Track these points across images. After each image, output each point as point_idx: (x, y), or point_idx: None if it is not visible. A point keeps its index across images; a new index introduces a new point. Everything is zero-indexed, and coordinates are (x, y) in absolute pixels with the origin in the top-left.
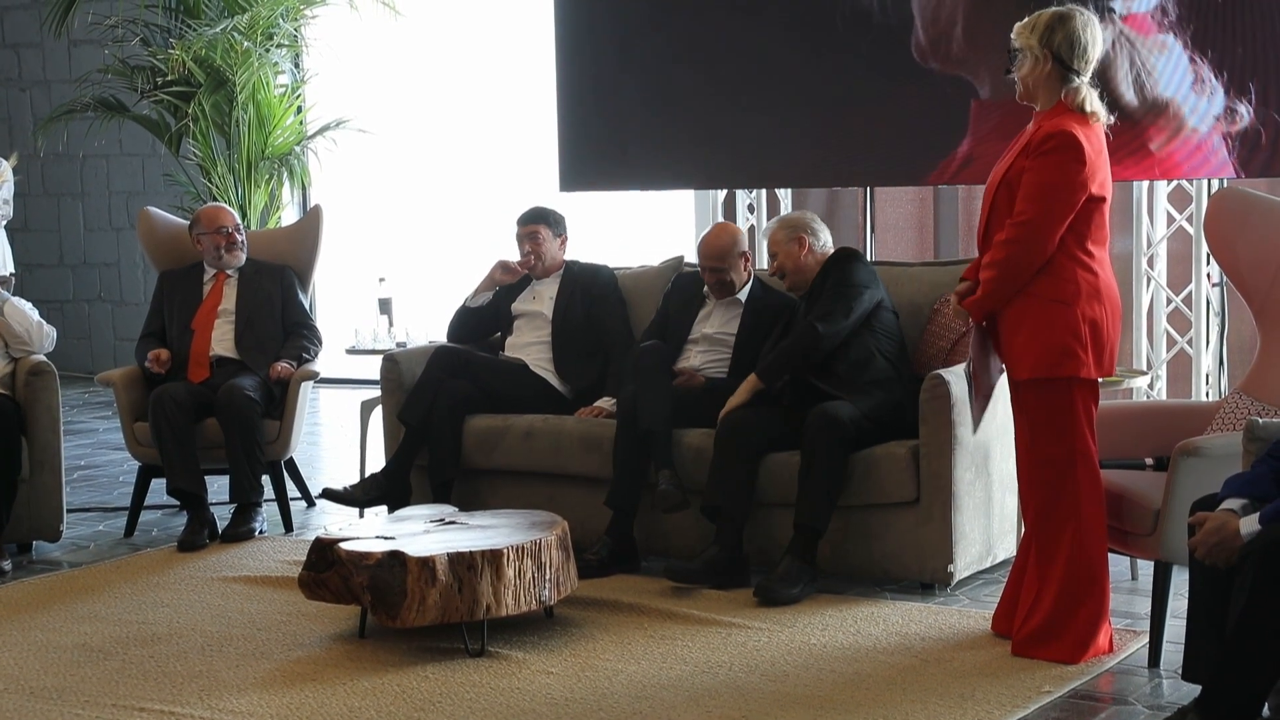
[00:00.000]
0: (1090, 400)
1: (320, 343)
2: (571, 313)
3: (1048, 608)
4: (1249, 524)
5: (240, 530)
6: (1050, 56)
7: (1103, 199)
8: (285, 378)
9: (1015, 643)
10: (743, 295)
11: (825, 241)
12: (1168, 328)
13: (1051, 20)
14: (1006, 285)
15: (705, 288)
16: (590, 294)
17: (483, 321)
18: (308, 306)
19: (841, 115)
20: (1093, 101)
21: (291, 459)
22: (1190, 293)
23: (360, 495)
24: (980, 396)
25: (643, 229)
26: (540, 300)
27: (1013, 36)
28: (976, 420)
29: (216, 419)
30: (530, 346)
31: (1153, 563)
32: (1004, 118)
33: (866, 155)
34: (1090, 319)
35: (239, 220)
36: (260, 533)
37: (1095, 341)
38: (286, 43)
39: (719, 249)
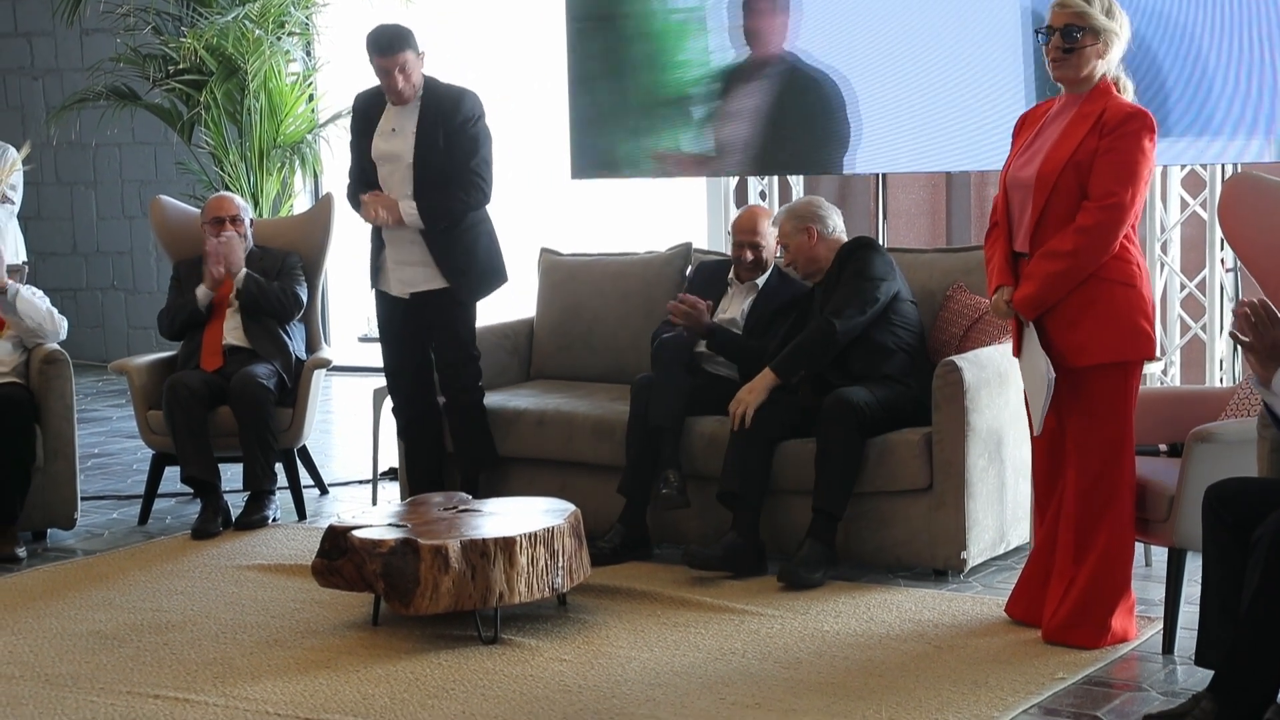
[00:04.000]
0: (1138, 382)
1: (295, 306)
2: (434, 145)
3: (1081, 592)
4: None
5: (253, 518)
6: (1123, 42)
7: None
8: (218, 255)
9: (1048, 629)
10: (760, 281)
11: (834, 226)
12: (1181, 313)
13: (1114, 6)
14: (1082, 273)
15: (730, 273)
16: (447, 125)
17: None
18: (317, 293)
19: (858, 100)
20: (1134, 93)
21: (304, 447)
22: (1204, 278)
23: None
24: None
25: (654, 217)
26: (403, 135)
27: (1080, 13)
28: (1039, 422)
29: (230, 407)
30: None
31: (1166, 549)
32: None
33: (879, 140)
34: (1149, 299)
35: (240, 209)
36: (273, 520)
37: (1154, 322)
38: (298, 30)
39: (752, 223)
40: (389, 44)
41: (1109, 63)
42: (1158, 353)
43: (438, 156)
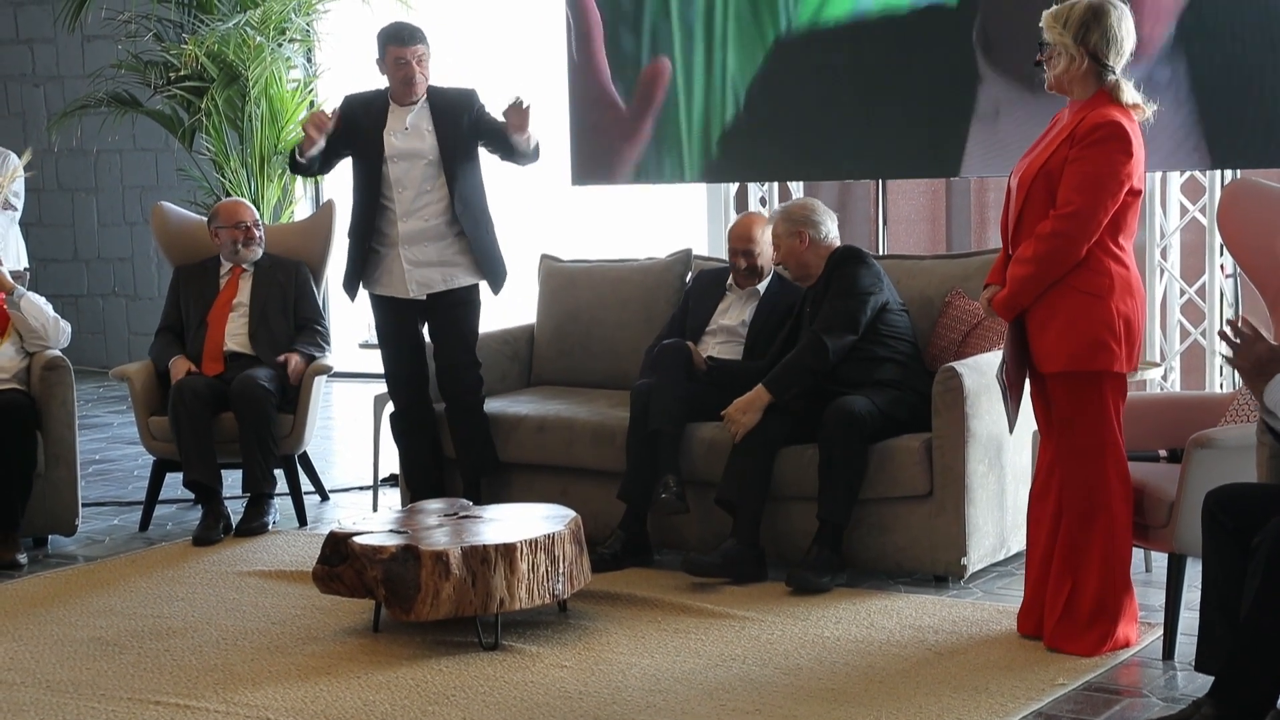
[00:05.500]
0: (1118, 394)
1: (329, 343)
2: (459, 136)
3: (1079, 601)
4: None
5: (254, 524)
6: (1086, 54)
7: (1139, 193)
8: (298, 375)
9: (1048, 636)
10: (761, 288)
11: (827, 232)
12: (1181, 319)
13: (1085, 15)
14: (1044, 280)
15: (729, 279)
16: (467, 115)
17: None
18: (321, 302)
19: (856, 106)
20: (1132, 94)
21: (305, 453)
22: (1204, 284)
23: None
24: (1016, 397)
25: (654, 223)
26: (418, 133)
27: (1042, 27)
28: (1013, 421)
29: (231, 409)
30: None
31: (1166, 555)
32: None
33: (879, 147)
34: (1123, 313)
35: (258, 215)
36: (273, 524)
37: (1127, 335)
38: (299, 37)
39: (747, 230)
40: (410, 34)
41: (1073, 73)
42: (1121, 367)
43: (465, 146)
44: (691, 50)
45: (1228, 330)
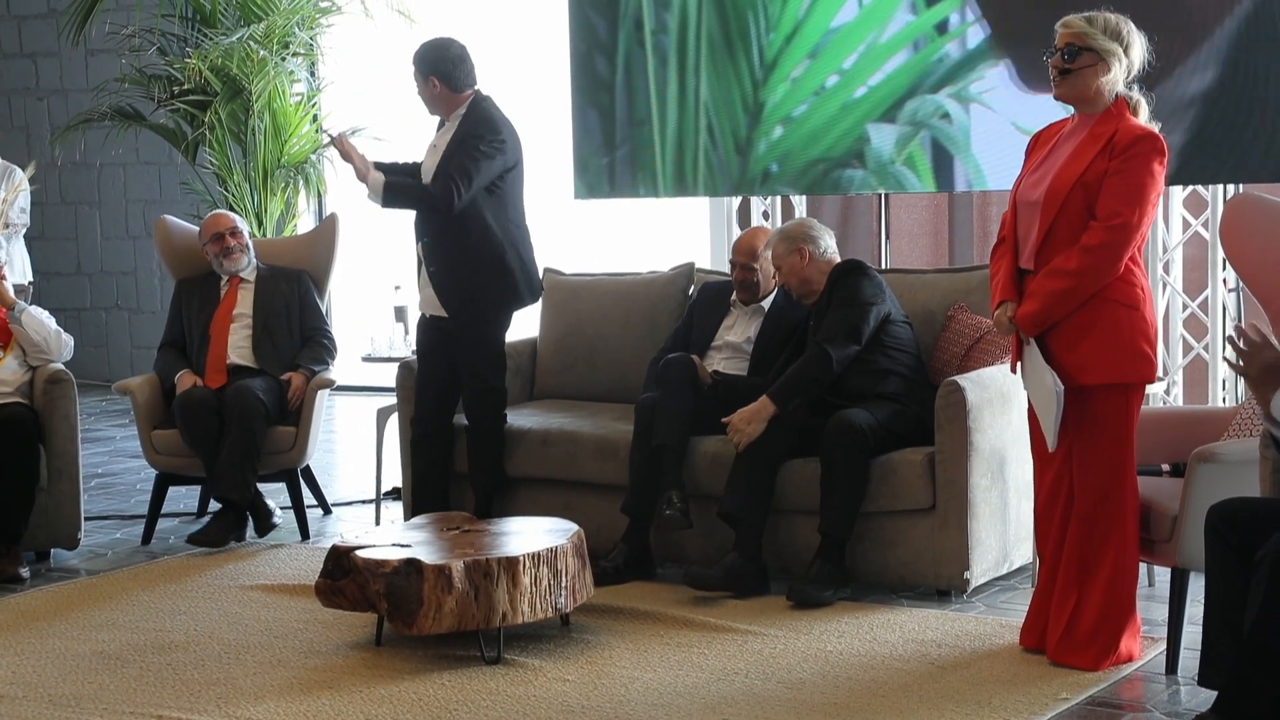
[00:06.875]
0: (1139, 406)
1: (336, 351)
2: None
3: (1087, 615)
4: None
5: (208, 532)
6: (1130, 68)
7: (1156, 203)
8: (297, 398)
9: (1053, 650)
10: (766, 304)
11: (826, 247)
12: (1184, 333)
13: (1127, 31)
14: (1084, 293)
15: (732, 295)
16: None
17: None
18: (324, 312)
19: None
20: (1146, 113)
21: (308, 466)
22: (1206, 298)
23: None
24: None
25: (656, 237)
26: (435, 153)
27: (1080, 33)
28: (1053, 437)
29: (225, 416)
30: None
31: (1169, 569)
32: None
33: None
34: (1153, 323)
35: (235, 223)
36: (235, 542)
37: (1156, 345)
38: (302, 51)
39: (751, 246)
40: (412, 59)
41: (1112, 82)
42: (1158, 375)
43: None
44: (665, 76)
45: (1234, 335)
